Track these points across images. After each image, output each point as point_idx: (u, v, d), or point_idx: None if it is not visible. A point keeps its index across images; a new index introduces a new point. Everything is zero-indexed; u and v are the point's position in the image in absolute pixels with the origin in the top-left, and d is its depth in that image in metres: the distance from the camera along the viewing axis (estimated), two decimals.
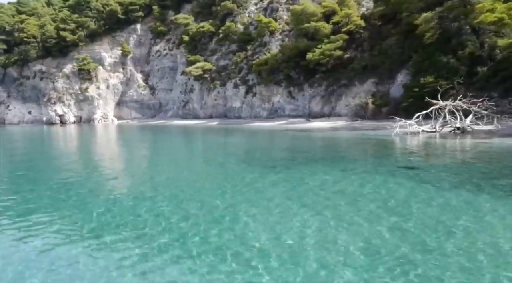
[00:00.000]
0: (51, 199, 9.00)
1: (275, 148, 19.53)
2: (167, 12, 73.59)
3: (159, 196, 8.84)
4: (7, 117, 75.21)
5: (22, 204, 8.71)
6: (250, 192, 9.02)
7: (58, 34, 70.93)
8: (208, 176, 11.72)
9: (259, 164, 13.41)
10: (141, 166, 14.98)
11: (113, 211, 7.63)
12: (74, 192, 9.54)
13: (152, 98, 70.09)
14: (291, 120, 38.92)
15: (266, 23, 45.20)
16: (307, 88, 40.22)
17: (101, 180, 11.82)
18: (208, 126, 45.32)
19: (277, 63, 40.99)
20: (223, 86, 52.48)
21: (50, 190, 10.06)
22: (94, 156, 20.01)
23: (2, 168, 14.84)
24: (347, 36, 38.06)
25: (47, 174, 13.14)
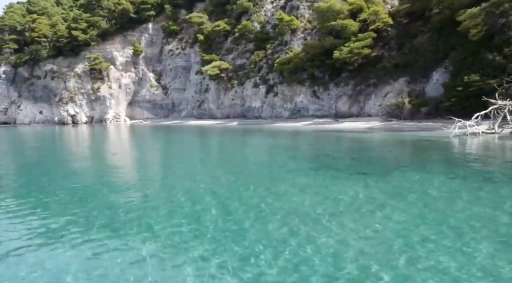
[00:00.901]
0: (90, 215, 7.57)
1: (332, 151, 17.67)
2: (179, 11, 71.96)
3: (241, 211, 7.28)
4: (18, 117, 73.62)
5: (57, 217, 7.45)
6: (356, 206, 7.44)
7: (69, 34, 69.25)
8: (302, 192, 10.06)
9: (337, 169, 11.85)
10: (191, 178, 12.33)
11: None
12: (126, 212, 7.98)
13: (165, 98, 68.48)
14: (316, 121, 37.34)
15: (288, 21, 43.56)
16: (333, 87, 38.63)
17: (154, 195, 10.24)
18: (228, 126, 43.73)
19: (301, 62, 39.37)
20: (241, 85, 50.89)
21: (91, 207, 8.50)
22: (119, 159, 18.35)
23: (22, 174, 13.41)
24: (375, 34, 36.50)
25: (74, 181, 11.62)
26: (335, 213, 7.22)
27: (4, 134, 47.53)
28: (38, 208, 8.40)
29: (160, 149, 23.22)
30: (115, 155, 20.77)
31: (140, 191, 10.09)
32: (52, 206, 8.68)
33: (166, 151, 21.28)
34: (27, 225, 7.19)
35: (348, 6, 38.39)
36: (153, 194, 9.68)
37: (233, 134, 31.84)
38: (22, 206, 8.68)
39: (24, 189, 10.92)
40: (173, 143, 26.54)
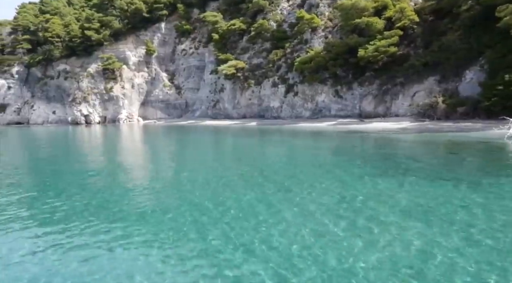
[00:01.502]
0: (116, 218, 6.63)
1: (388, 154, 16.32)
2: (191, 10, 70.95)
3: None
4: (32, 118, 73.02)
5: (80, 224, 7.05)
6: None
7: (83, 33, 68.48)
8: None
9: (416, 174, 10.66)
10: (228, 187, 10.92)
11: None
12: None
13: (178, 98, 67.49)
14: (340, 121, 36.09)
15: (308, 20, 42.28)
16: (357, 87, 37.34)
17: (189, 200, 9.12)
18: (247, 127, 42.55)
19: (324, 60, 38.12)
20: (258, 85, 49.73)
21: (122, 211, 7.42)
22: (140, 162, 17.37)
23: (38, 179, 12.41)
24: (401, 32, 35.16)
25: (101, 187, 10.55)
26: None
27: (20, 135, 46.81)
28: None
29: (183, 152, 21.86)
30: (135, 156, 19.80)
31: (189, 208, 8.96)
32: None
33: (192, 155, 19.86)
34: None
35: (373, 3, 37.08)
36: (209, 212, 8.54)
37: (259, 135, 30.66)
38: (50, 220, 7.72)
39: (48, 198, 9.88)
40: (195, 146, 25.25)
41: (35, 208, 9.07)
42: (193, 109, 64.79)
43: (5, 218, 8.14)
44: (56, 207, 8.89)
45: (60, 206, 8.98)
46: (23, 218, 8.08)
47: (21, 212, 8.57)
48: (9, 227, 7.51)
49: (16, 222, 7.82)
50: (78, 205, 8.93)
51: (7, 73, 74.99)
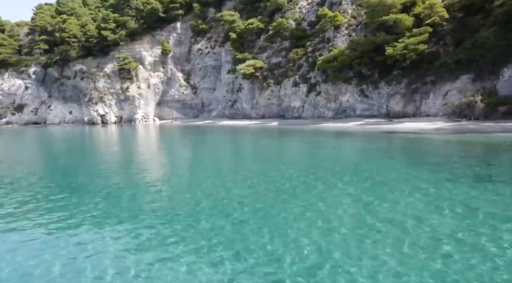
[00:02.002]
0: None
1: (448, 157, 14.91)
2: (207, 10, 70.20)
3: None
4: (49, 118, 73.04)
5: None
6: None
7: (99, 34, 68.24)
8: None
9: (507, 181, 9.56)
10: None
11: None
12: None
13: (194, 98, 66.78)
14: (367, 121, 34.85)
15: (332, 17, 41.08)
16: (384, 86, 36.06)
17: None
18: (268, 127, 41.48)
19: (349, 59, 36.92)
20: (278, 85, 48.69)
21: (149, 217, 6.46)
22: (167, 164, 16.38)
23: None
24: (431, 29, 33.78)
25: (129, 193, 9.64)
26: None
27: (40, 135, 46.48)
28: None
29: (208, 154, 20.53)
30: (159, 158, 18.88)
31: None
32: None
33: (219, 158, 18.82)
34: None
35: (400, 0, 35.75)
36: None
37: (287, 136, 29.57)
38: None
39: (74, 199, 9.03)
40: (220, 147, 24.22)
41: (79, 213, 8.61)
42: (209, 109, 63.99)
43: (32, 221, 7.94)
44: (92, 208, 8.78)
45: (94, 207, 8.94)
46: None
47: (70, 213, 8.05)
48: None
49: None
50: (106, 207, 8.81)
51: (24, 74, 75.22)
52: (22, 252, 6.29)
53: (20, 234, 7.22)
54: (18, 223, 7.96)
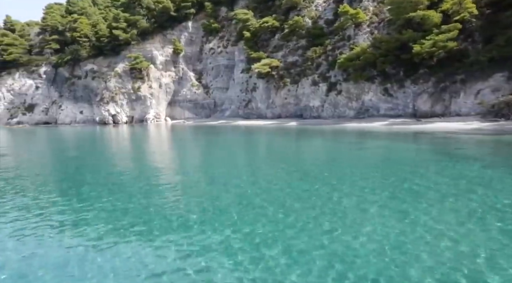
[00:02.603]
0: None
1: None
2: (219, 9, 68.99)
3: None
4: (60, 117, 72.06)
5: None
6: None
7: (110, 33, 67.16)
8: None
9: None
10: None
11: None
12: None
13: (206, 97, 65.56)
14: (393, 121, 33.51)
15: (353, 15, 39.71)
16: (410, 85, 34.70)
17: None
18: (286, 127, 40.17)
19: (373, 57, 35.57)
20: (295, 84, 47.42)
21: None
22: (187, 167, 15.09)
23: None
24: (460, 26, 32.36)
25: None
26: None
27: (52, 135, 45.37)
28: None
29: (229, 156, 18.80)
30: (178, 160, 17.58)
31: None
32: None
33: (243, 161, 17.43)
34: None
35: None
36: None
37: (312, 136, 28.21)
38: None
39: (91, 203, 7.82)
40: (242, 149, 22.78)
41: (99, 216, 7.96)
42: (222, 109, 62.78)
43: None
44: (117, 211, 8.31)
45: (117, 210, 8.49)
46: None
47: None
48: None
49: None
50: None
51: (35, 74, 74.32)
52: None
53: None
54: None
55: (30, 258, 5.94)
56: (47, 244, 6.55)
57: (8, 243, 6.58)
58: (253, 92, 54.33)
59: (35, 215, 8.32)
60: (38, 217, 8.15)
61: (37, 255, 6.03)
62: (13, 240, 6.75)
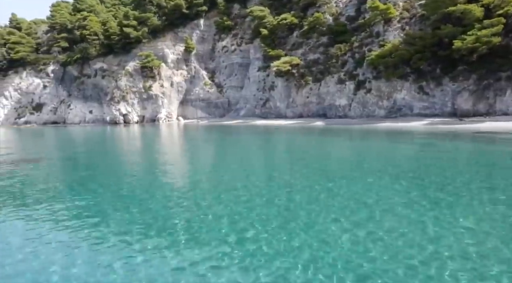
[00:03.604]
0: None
1: None
2: (232, 6, 66.55)
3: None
4: (69, 117, 69.33)
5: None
6: None
7: (121, 31, 64.54)
8: None
9: None
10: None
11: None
12: None
13: (220, 96, 63.10)
14: (432, 120, 31.34)
15: (383, 10, 37.50)
16: (448, 82, 32.55)
17: None
18: (313, 127, 37.83)
19: (408, 54, 33.39)
20: (317, 82, 45.20)
21: None
22: (215, 173, 12.42)
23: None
24: (504, 20, 30.25)
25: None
26: None
27: (64, 135, 42.65)
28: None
29: (263, 162, 16.12)
30: (204, 165, 15.00)
31: None
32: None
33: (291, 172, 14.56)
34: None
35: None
36: None
37: (357, 138, 25.99)
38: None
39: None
40: (275, 153, 20.24)
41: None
42: (236, 108, 60.39)
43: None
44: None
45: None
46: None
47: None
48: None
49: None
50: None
51: (42, 72, 71.56)
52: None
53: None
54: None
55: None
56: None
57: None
58: (271, 91, 52.02)
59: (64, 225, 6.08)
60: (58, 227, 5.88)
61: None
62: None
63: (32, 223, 7.48)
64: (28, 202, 9.04)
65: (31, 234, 6.77)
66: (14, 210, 8.35)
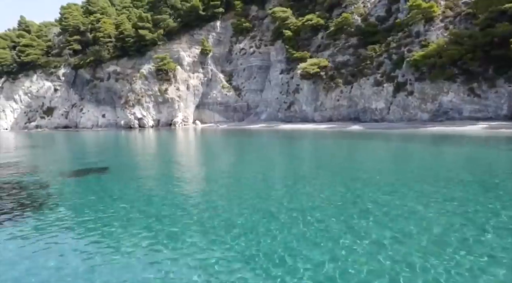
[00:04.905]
0: None
1: None
2: (249, 8, 63.98)
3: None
4: (81, 121, 66.15)
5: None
6: None
7: (136, 33, 61.66)
8: None
9: None
10: None
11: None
12: None
13: (238, 100, 60.24)
14: (491, 124, 28.69)
15: (426, 8, 34.97)
16: (503, 84, 29.96)
17: None
18: (350, 131, 34.90)
19: (458, 54, 30.83)
20: (348, 84, 42.59)
21: None
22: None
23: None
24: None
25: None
26: None
27: (76, 140, 39.10)
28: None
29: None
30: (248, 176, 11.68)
31: None
32: None
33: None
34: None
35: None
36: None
37: (432, 144, 23.07)
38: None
39: None
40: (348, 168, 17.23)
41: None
42: (256, 112, 57.58)
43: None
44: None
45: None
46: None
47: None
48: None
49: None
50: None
51: (53, 76, 68.47)
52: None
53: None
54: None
55: None
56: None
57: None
58: (296, 94, 49.28)
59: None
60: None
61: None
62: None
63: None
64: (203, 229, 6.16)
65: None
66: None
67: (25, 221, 7.62)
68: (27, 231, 7.01)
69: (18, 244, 6.39)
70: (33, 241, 6.49)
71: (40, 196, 9.88)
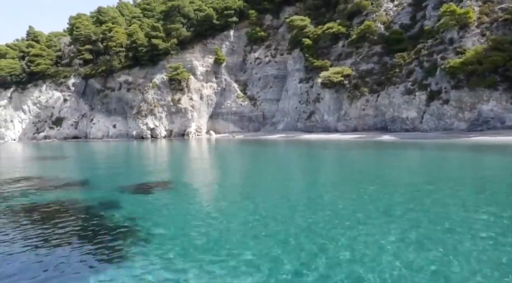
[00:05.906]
0: None
1: None
2: (263, 17, 62.57)
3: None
4: (91, 132, 63.67)
5: None
6: None
7: (149, 42, 59.88)
8: None
9: None
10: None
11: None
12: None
13: (253, 109, 58.17)
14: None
15: (461, 15, 33.27)
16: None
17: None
18: (380, 142, 32.37)
19: (502, 60, 28.97)
20: (373, 93, 40.68)
21: None
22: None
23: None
24: None
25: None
26: None
27: (87, 151, 36.36)
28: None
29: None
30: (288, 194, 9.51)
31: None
32: None
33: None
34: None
35: None
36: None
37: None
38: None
39: None
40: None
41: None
42: (273, 121, 55.46)
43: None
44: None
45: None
46: None
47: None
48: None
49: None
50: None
51: (63, 86, 66.30)
52: None
53: None
54: None
55: None
56: None
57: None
58: (317, 103, 47.26)
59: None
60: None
61: None
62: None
63: None
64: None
65: None
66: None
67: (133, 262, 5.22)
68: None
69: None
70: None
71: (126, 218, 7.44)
